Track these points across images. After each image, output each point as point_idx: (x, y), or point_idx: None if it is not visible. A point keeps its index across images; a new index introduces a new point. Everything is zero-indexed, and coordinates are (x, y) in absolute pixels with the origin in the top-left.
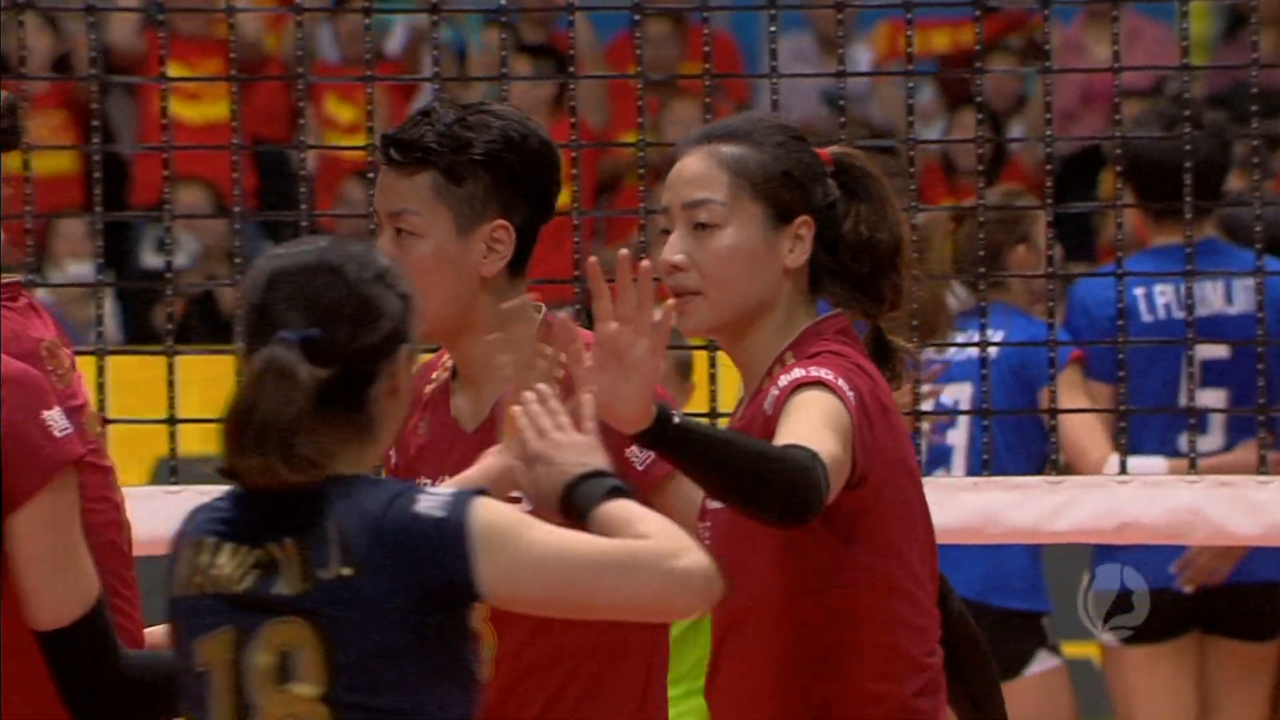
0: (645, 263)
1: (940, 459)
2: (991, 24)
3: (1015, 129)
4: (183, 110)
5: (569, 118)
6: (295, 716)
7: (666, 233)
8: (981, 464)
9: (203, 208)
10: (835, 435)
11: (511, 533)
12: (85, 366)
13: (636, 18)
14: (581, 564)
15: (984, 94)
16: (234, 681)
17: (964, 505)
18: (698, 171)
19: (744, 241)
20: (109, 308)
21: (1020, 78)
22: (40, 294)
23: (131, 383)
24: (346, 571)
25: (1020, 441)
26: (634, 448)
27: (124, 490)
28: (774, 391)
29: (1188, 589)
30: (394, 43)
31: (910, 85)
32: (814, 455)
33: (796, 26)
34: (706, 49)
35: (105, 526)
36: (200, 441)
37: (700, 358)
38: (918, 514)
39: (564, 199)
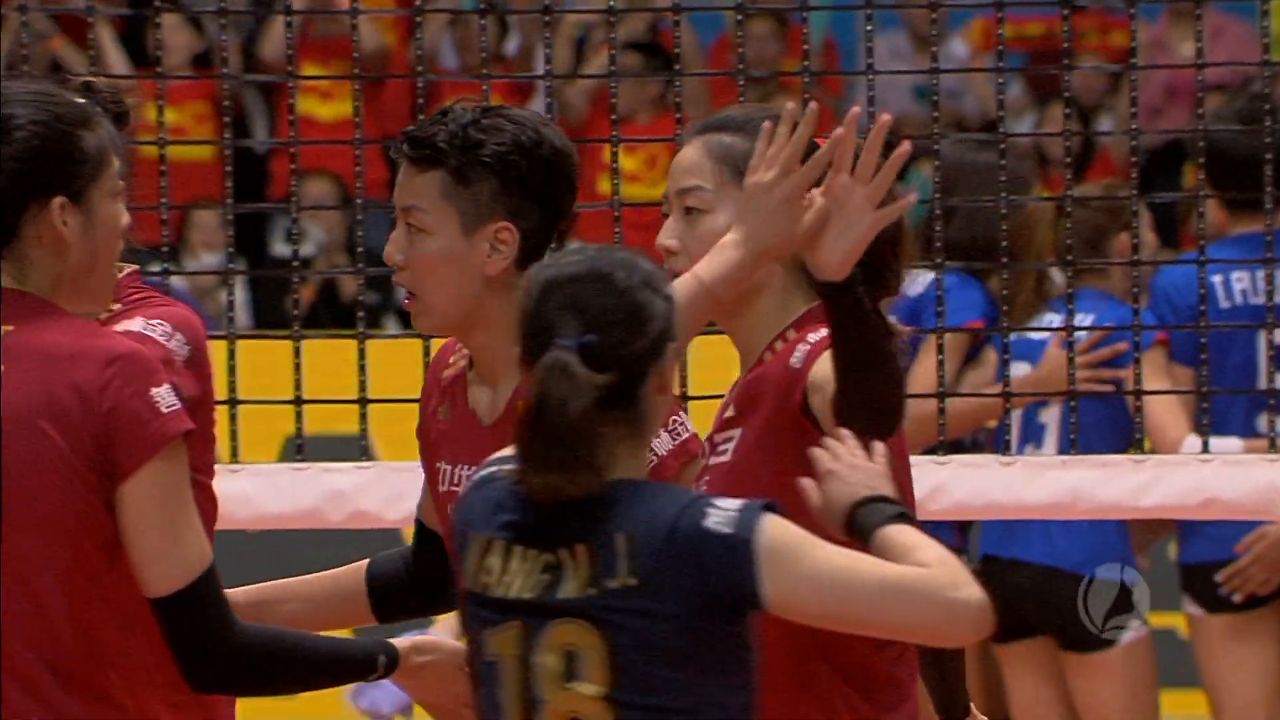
0: (885, 117)
1: (1032, 436)
2: (1081, 22)
3: (1104, 123)
4: (317, 109)
5: (674, 113)
6: (579, 713)
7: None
8: (1070, 443)
9: (332, 200)
10: None
11: (798, 550)
12: (217, 350)
13: (739, 17)
14: (864, 586)
15: (1072, 89)
16: (522, 675)
17: (1053, 482)
18: (691, 160)
19: (730, 226)
20: (241, 295)
21: (1107, 74)
22: (175, 281)
23: (261, 366)
24: (633, 581)
25: (1110, 421)
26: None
27: (254, 467)
28: (803, 347)
29: (1236, 599)
30: (511, 44)
31: (1001, 81)
32: None
33: (892, 25)
34: (806, 47)
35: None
36: (324, 421)
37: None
38: (909, 491)
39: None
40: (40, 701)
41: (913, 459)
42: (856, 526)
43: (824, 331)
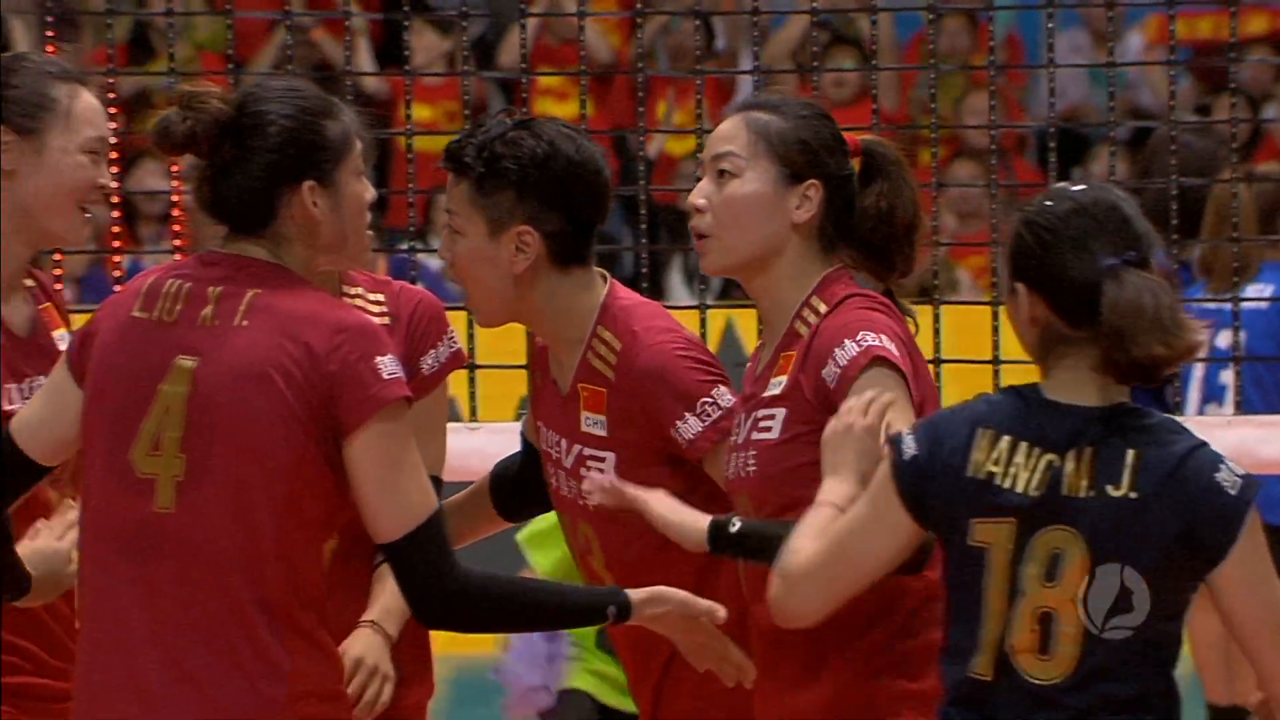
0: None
1: (1214, 395)
2: (1249, 17)
3: (1270, 110)
4: (552, 108)
5: (871, 103)
6: (1051, 609)
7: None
8: (1238, 403)
9: None
10: (903, 413)
11: (1263, 549)
12: (459, 320)
13: (932, 16)
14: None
15: (1240, 80)
16: (1008, 566)
17: (1218, 440)
18: (729, 130)
19: (755, 191)
20: None
21: (1273, 65)
22: (422, 258)
23: (497, 333)
24: (1133, 495)
25: None
26: (678, 425)
27: (490, 425)
28: (834, 369)
29: None
30: (720, 41)
31: (1172, 74)
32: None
33: (1072, 23)
34: (992, 43)
35: None
36: None
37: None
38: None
39: None
40: (246, 633)
41: None
42: None
43: (851, 347)
